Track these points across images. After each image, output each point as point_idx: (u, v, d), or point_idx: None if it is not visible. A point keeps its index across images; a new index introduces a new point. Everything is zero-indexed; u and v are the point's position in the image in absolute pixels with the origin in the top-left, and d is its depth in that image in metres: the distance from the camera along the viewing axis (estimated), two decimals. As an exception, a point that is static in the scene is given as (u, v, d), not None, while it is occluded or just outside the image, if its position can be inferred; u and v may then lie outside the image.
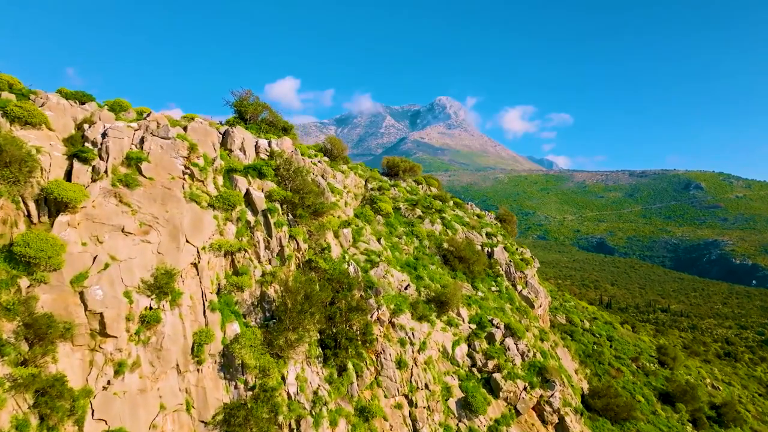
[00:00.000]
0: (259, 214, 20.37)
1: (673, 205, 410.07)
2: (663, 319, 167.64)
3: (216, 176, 20.45)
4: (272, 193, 20.97)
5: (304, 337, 18.62)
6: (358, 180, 33.00)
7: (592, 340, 40.82)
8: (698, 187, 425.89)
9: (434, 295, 26.46)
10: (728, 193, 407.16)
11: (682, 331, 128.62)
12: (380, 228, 29.07)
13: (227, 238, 19.43)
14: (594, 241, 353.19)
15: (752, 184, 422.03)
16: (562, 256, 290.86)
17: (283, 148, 23.20)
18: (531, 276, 34.50)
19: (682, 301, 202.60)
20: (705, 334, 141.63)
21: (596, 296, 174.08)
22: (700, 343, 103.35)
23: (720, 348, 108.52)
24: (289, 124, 29.33)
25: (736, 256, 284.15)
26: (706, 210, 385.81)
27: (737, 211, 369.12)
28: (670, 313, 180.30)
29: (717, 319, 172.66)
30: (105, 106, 21.03)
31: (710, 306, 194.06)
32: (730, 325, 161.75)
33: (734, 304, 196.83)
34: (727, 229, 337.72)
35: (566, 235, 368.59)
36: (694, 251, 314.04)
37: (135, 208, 17.60)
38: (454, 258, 30.17)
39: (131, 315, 16.05)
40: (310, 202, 21.21)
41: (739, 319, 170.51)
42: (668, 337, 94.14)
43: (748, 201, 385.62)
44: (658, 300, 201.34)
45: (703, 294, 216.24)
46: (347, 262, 22.52)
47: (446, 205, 36.99)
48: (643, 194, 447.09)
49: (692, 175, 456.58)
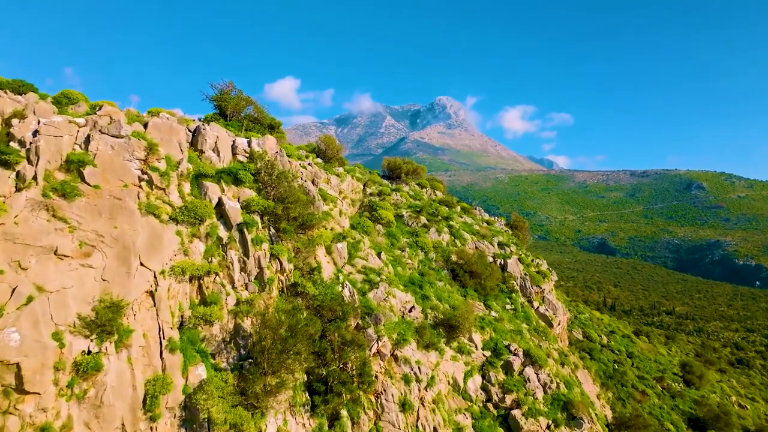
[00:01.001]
0: (233, 229, 16.80)
1: (674, 205, 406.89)
2: (668, 322, 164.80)
3: (181, 183, 16.87)
4: (250, 202, 17.39)
5: (286, 382, 15.08)
6: (356, 184, 29.42)
7: (611, 358, 37.34)
8: (700, 187, 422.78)
9: (443, 318, 22.94)
10: (730, 193, 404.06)
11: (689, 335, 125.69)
12: (380, 240, 25.51)
13: (193, 258, 15.86)
14: (595, 241, 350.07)
15: (754, 184, 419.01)
16: (564, 257, 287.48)
17: (266, 148, 19.59)
18: (548, 291, 30.96)
19: (687, 303, 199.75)
20: (711, 338, 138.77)
21: (600, 298, 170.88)
22: (710, 349, 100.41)
23: (730, 353, 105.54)
24: (276, 121, 25.76)
25: (739, 256, 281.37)
26: (708, 210, 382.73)
27: (739, 211, 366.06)
28: (675, 315, 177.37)
29: (723, 321, 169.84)
30: (50, 97, 17.46)
31: (715, 308, 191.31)
32: (737, 328, 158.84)
33: (739, 306, 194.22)
34: (730, 229, 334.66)
35: (567, 235, 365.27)
36: (697, 252, 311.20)
37: (73, 224, 14.02)
38: (464, 273, 26.62)
39: (61, 363, 12.49)
40: (297, 213, 17.64)
41: (745, 321, 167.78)
42: (678, 343, 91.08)
43: (750, 201, 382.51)
44: (662, 302, 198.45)
45: (708, 296, 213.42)
46: (341, 284, 18.96)
47: (453, 211, 33.42)
48: (645, 194, 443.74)
49: (694, 175, 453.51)
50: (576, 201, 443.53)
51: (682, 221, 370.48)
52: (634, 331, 64.21)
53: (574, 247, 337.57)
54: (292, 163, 20.59)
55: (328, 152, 28.42)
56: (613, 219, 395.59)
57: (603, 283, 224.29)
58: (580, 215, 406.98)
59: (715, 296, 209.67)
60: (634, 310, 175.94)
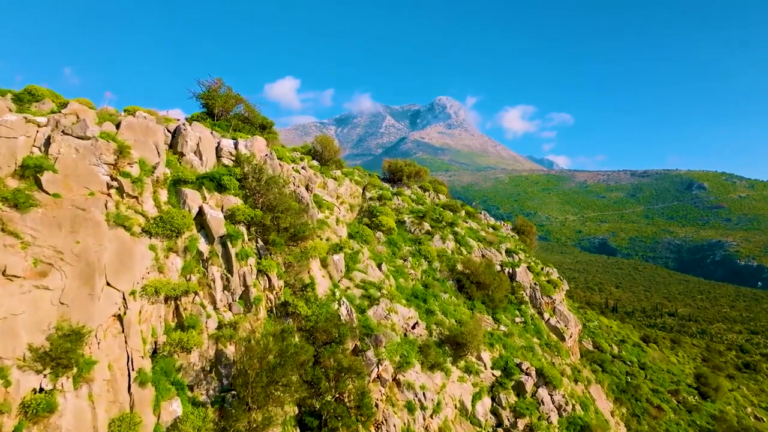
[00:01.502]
0: (215, 242, 14.90)
1: (675, 205, 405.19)
2: (671, 323, 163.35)
3: (157, 190, 14.96)
4: (235, 212, 15.50)
5: (274, 417, 13.21)
6: (354, 188, 27.53)
7: (624, 370, 35.49)
8: (701, 187, 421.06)
9: (449, 334, 21.06)
10: (731, 193, 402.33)
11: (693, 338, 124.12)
12: (381, 249, 23.62)
13: (169, 276, 13.97)
14: (596, 241, 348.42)
15: (755, 184, 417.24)
16: (565, 258, 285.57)
17: (254, 150, 17.68)
18: (559, 301, 29.08)
19: (689, 305, 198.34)
20: (715, 339, 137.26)
21: (602, 299, 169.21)
22: (715, 352, 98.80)
23: (736, 357, 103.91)
24: (268, 120, 23.87)
25: (741, 257, 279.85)
26: (709, 210, 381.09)
27: (740, 211, 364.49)
28: (678, 317, 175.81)
29: (726, 323, 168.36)
30: (9, 93, 15.57)
31: (717, 309, 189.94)
32: (740, 330, 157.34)
33: (742, 307, 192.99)
34: (731, 229, 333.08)
35: (568, 235, 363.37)
36: (698, 252, 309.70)
37: (27, 239, 12.14)
38: (470, 284, 24.74)
39: (6, 404, 10.60)
40: (288, 223, 15.74)
41: (748, 323, 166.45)
42: (684, 347, 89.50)
43: (751, 201, 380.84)
44: (665, 303, 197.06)
45: (710, 297, 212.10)
46: (338, 301, 17.08)
47: (458, 215, 31.52)
48: (645, 194, 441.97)
49: (694, 175, 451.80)
50: (576, 201, 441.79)
51: (683, 221, 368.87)
52: (641, 337, 62.36)
53: (574, 247, 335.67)
54: (284, 167, 18.68)
55: (325, 154, 26.51)
56: (614, 219, 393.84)
57: (604, 284, 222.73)
58: (580, 215, 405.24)
59: (718, 297, 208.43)
60: (636, 312, 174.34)
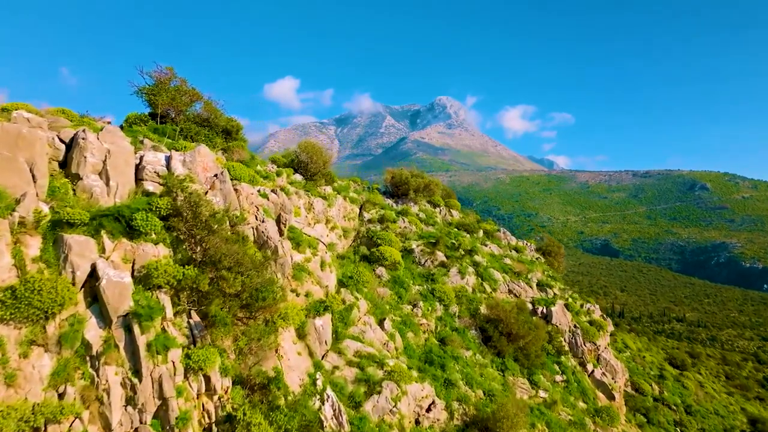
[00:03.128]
0: (115, 325, 9.08)
1: (678, 206, 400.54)
2: (680, 329, 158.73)
3: (22, 239, 9.16)
4: (152, 270, 9.68)
5: None
6: (349, 208, 21.67)
7: (670, 418, 29.84)
8: (703, 187, 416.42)
9: (475, 415, 15.28)
10: (734, 193, 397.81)
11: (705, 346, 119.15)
12: (383, 291, 17.79)
13: (27, 391, 8.18)
14: (598, 243, 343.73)
15: (758, 184, 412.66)
16: (567, 259, 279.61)
17: (195, 168, 11.81)
18: (604, 347, 23.30)
19: (696, 309, 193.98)
20: (726, 347, 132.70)
21: (607, 304, 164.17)
22: (734, 364, 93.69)
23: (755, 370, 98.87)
24: (234, 123, 18.03)
25: (746, 259, 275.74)
26: (712, 211, 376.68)
27: (744, 212, 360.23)
28: (686, 323, 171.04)
29: (736, 329, 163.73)
30: None
31: (726, 314, 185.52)
32: (751, 337, 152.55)
33: (750, 311, 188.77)
34: (735, 230, 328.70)
35: (570, 236, 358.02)
36: (702, 253, 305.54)
37: None
38: (499, 335, 18.93)
39: None
40: (239, 285, 9.91)
41: (758, 328, 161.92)
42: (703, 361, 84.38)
43: (755, 202, 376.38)
44: (671, 308, 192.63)
45: (717, 300, 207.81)
46: (319, 395, 11.25)
47: (475, 237, 25.69)
48: (648, 195, 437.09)
49: (697, 176, 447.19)
50: (578, 202, 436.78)
51: (686, 222, 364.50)
52: (667, 359, 56.84)
53: (576, 248, 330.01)
54: (242, 192, 12.70)
55: (311, 166, 20.58)
56: (616, 220, 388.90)
57: (609, 288, 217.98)
58: (582, 216, 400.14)
59: (725, 301, 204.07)
60: (643, 317, 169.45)
